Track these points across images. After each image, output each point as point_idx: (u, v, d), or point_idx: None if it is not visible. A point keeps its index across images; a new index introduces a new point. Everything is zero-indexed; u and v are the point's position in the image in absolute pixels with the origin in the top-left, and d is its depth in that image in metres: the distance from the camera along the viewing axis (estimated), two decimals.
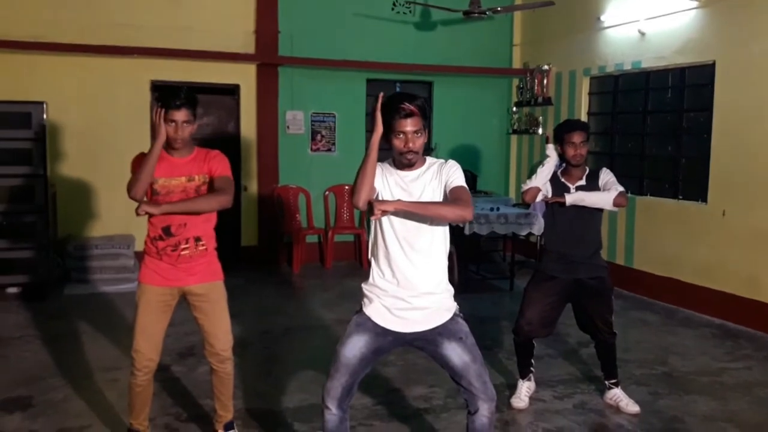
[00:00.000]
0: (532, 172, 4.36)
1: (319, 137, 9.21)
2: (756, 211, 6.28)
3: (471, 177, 9.04)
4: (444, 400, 4.53)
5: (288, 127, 9.02)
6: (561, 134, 4.31)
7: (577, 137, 4.25)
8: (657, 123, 7.77)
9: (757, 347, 5.81)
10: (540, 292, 4.37)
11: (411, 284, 2.93)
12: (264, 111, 8.88)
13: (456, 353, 2.97)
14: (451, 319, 3.02)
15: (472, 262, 8.44)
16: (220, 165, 3.58)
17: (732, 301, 6.49)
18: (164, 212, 3.25)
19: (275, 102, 8.92)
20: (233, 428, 3.79)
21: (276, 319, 6.43)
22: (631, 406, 4.37)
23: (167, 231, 3.44)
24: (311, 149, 9.20)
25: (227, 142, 8.89)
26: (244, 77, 8.77)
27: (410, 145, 2.92)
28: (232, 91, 8.88)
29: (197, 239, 3.52)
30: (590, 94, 8.70)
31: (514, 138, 10.13)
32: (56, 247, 7.70)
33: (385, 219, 2.90)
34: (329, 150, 9.28)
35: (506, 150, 10.20)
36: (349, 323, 3.04)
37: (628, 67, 7.90)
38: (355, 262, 9.19)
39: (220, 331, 3.64)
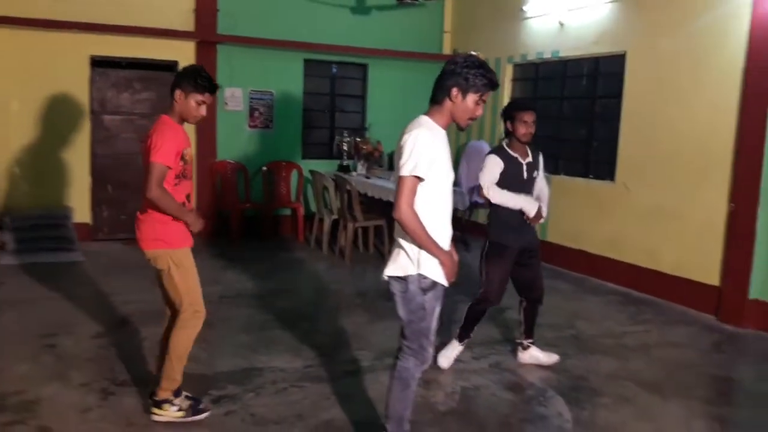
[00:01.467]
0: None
1: (257, 114, 9.07)
2: (657, 189, 6.54)
3: None
4: (371, 361, 4.59)
5: (226, 103, 8.85)
6: (512, 112, 4.32)
7: (529, 116, 4.29)
8: (572, 108, 7.97)
9: (656, 312, 6.08)
10: (501, 264, 4.39)
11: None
12: None
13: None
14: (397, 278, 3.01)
15: None
16: None
17: (634, 271, 6.77)
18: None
19: (214, 78, 8.69)
20: (161, 406, 3.62)
21: (212, 289, 6.31)
22: (551, 357, 4.56)
23: (189, 198, 3.57)
24: (249, 126, 9.06)
25: None
26: (183, 54, 8.52)
27: (478, 113, 2.99)
28: (171, 67, 8.63)
29: None
30: (513, 80, 8.85)
31: None
32: None
33: None
34: (267, 127, 9.15)
35: None
36: None
37: (547, 55, 8.05)
38: (293, 235, 9.15)
39: None
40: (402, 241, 2.98)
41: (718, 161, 5.90)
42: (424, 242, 2.88)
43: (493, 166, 4.32)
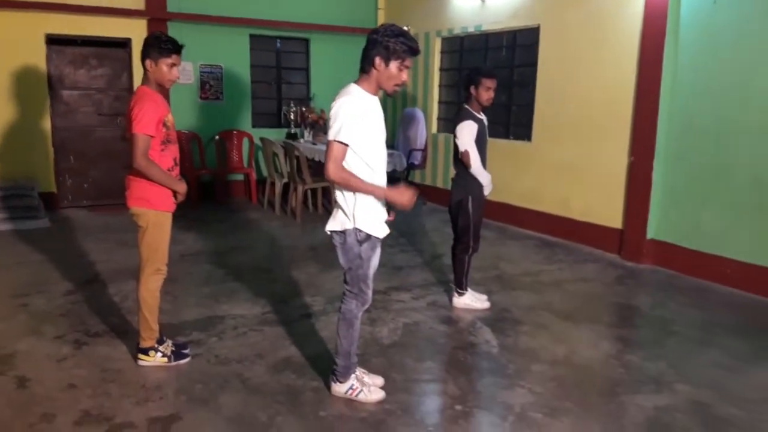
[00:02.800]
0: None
1: (207, 87, 8.83)
2: (567, 147, 6.73)
3: None
4: (323, 306, 4.64)
5: (178, 77, 8.55)
6: (478, 78, 4.30)
7: (492, 83, 4.30)
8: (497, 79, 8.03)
9: (568, 253, 6.32)
10: (478, 214, 4.48)
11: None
12: None
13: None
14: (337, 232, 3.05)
15: None
16: None
17: (549, 218, 6.99)
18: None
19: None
20: (147, 353, 3.60)
21: (173, 248, 6.19)
22: (483, 303, 4.68)
23: (176, 161, 3.51)
24: (200, 98, 8.82)
25: (120, 92, 8.37)
26: (136, 31, 8.17)
27: (405, 78, 2.94)
28: (125, 44, 8.29)
29: None
30: (442, 52, 8.85)
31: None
32: None
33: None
34: (217, 98, 8.93)
35: None
36: None
37: (471, 29, 8.08)
38: (246, 198, 9.03)
39: None
40: (339, 200, 3.01)
41: (620, 120, 6.09)
42: (363, 189, 2.92)
43: (472, 130, 4.33)
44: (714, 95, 5.33)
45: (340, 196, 3.00)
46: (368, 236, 3.02)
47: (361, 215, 2.97)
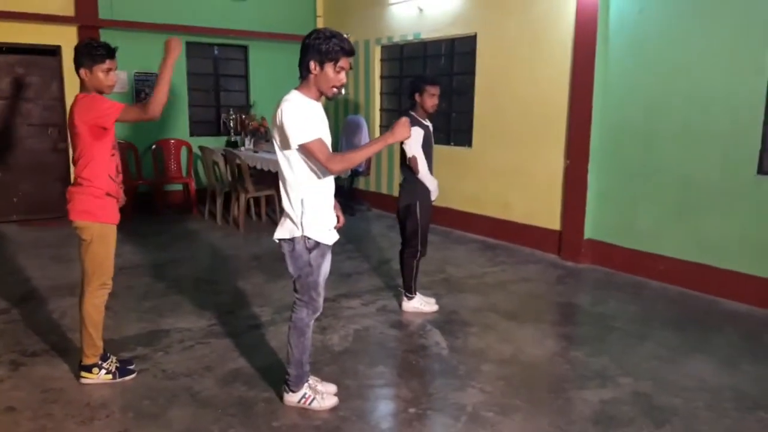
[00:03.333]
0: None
1: (143, 95, 8.60)
2: (507, 152, 6.90)
3: None
4: (271, 316, 4.59)
5: None
6: (422, 86, 4.36)
7: (435, 90, 4.38)
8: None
9: (510, 255, 6.48)
10: (426, 219, 4.53)
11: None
12: None
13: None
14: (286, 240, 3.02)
15: None
16: None
17: (491, 222, 7.15)
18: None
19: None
20: (90, 371, 3.47)
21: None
22: (431, 306, 4.74)
23: (119, 169, 3.39)
24: None
25: (51, 101, 8.04)
26: (66, 39, 7.88)
27: (342, 79, 2.92)
28: (54, 51, 7.98)
29: None
30: (382, 60, 8.93)
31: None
32: None
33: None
34: None
35: None
36: None
37: (410, 37, 8.19)
38: (185, 208, 8.82)
39: None
40: (287, 208, 2.98)
41: (556, 125, 6.31)
42: (367, 154, 2.93)
43: (419, 137, 4.37)
44: (642, 100, 5.60)
45: (287, 203, 2.98)
46: (317, 243, 3.01)
47: (310, 223, 2.96)
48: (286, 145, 2.88)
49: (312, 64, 2.89)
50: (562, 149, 6.26)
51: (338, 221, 3.17)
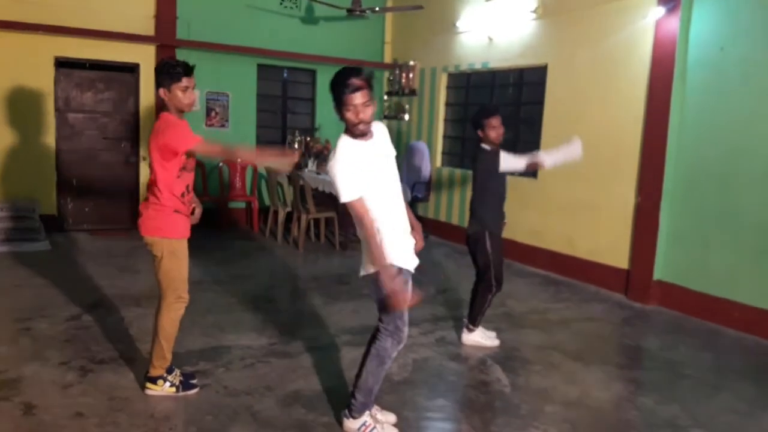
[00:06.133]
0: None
1: (213, 114, 8.91)
2: (574, 185, 6.79)
3: None
4: (329, 339, 4.62)
5: None
6: (483, 121, 4.33)
7: (496, 121, 4.33)
8: (500, 113, 8.11)
9: (574, 292, 6.32)
10: (497, 251, 4.44)
11: None
12: None
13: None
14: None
15: (350, 225, 8.55)
16: None
17: (554, 256, 7.02)
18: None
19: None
20: (155, 382, 3.57)
21: None
22: (493, 341, 4.66)
23: (189, 188, 3.55)
24: (206, 125, 8.89)
25: (126, 116, 8.43)
26: (144, 57, 8.29)
27: (361, 116, 2.88)
28: (132, 69, 8.39)
29: None
30: (448, 87, 8.98)
31: (384, 122, 10.24)
32: None
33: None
34: (223, 126, 9.00)
35: None
36: None
37: (478, 66, 8.22)
38: (248, 226, 9.03)
39: None
40: (364, 244, 3.02)
41: (628, 159, 6.18)
42: (373, 248, 2.93)
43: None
44: (721, 139, 5.43)
45: (362, 239, 3.01)
46: (399, 270, 2.99)
47: (391, 250, 2.96)
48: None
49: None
50: (633, 185, 6.12)
51: (417, 244, 3.15)
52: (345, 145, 2.96)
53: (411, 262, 3.08)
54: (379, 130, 3.11)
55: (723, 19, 5.42)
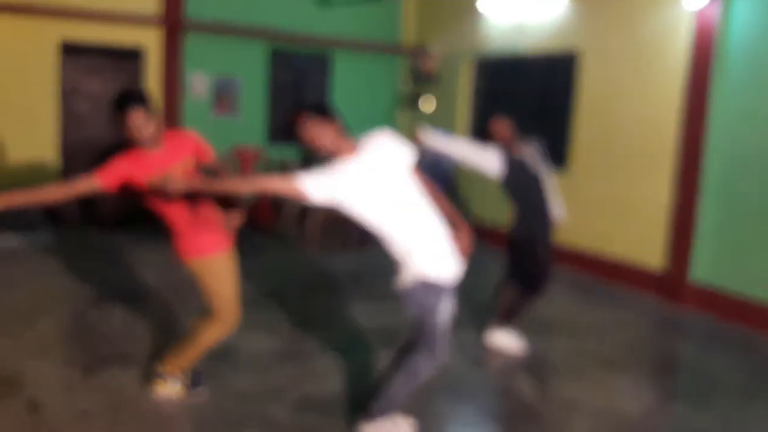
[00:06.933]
0: None
1: (222, 101, 8.98)
2: (606, 180, 6.74)
3: None
4: (343, 342, 4.67)
5: (192, 89, 8.74)
6: (488, 130, 4.50)
7: (500, 126, 4.49)
8: (528, 102, 8.10)
9: (606, 294, 6.29)
10: (548, 255, 4.52)
11: None
12: (169, 73, 8.52)
13: None
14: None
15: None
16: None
17: (584, 255, 6.99)
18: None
19: (181, 65, 8.59)
20: (163, 380, 3.63)
21: (181, 271, 6.26)
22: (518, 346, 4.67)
23: (195, 207, 3.45)
24: (215, 112, 8.97)
25: None
26: (151, 40, 8.38)
27: None
28: (139, 54, 8.47)
29: None
30: (470, 74, 8.96)
31: (401, 111, 10.27)
32: None
33: None
34: (232, 112, 9.07)
35: (394, 120, 10.35)
36: None
37: (504, 52, 8.18)
38: (261, 219, 9.08)
39: None
40: (396, 254, 3.03)
41: (664, 153, 6.14)
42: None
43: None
44: (763, 133, 5.37)
45: (395, 248, 3.02)
46: (435, 283, 2.99)
47: (422, 262, 2.98)
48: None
49: None
50: (669, 181, 6.09)
51: (462, 246, 3.14)
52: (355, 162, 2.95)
53: (449, 273, 3.04)
54: (379, 141, 3.07)
55: (767, 7, 5.36)
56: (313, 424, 3.42)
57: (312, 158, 8.74)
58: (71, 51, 8.10)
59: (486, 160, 4.35)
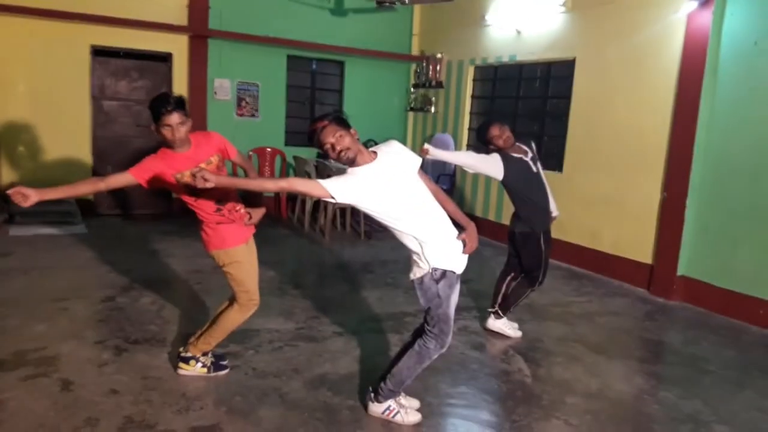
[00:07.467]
0: None
1: (243, 103, 8.99)
2: (599, 179, 6.71)
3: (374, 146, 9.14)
4: (355, 325, 4.66)
5: (216, 93, 8.74)
6: (485, 137, 4.35)
7: (500, 132, 4.32)
8: (527, 106, 8.10)
9: (597, 286, 6.28)
10: (548, 249, 4.48)
11: None
12: (194, 78, 8.55)
13: None
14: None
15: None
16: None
17: (578, 250, 6.97)
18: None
19: (205, 70, 8.60)
20: (188, 362, 3.64)
21: (205, 261, 6.30)
22: (516, 331, 4.67)
23: (221, 200, 3.48)
24: (237, 114, 8.98)
25: None
26: (177, 46, 8.41)
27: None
28: (166, 58, 8.49)
29: None
30: (474, 80, 8.93)
31: (411, 114, 10.27)
32: (1, 193, 7.20)
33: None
34: (253, 115, 9.08)
35: (404, 124, 10.34)
36: None
37: (505, 59, 8.15)
38: (276, 214, 9.12)
39: None
40: (409, 248, 3.03)
41: (654, 155, 6.09)
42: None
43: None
44: (752, 135, 5.32)
45: (406, 246, 3.03)
46: (444, 272, 3.01)
47: (434, 253, 2.98)
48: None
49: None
50: (659, 180, 6.04)
51: (469, 245, 3.12)
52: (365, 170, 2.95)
53: (458, 265, 3.07)
54: (390, 149, 3.07)
55: (758, 13, 5.29)
56: (327, 401, 3.42)
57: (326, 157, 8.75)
58: (102, 54, 8.13)
59: (489, 166, 4.32)
